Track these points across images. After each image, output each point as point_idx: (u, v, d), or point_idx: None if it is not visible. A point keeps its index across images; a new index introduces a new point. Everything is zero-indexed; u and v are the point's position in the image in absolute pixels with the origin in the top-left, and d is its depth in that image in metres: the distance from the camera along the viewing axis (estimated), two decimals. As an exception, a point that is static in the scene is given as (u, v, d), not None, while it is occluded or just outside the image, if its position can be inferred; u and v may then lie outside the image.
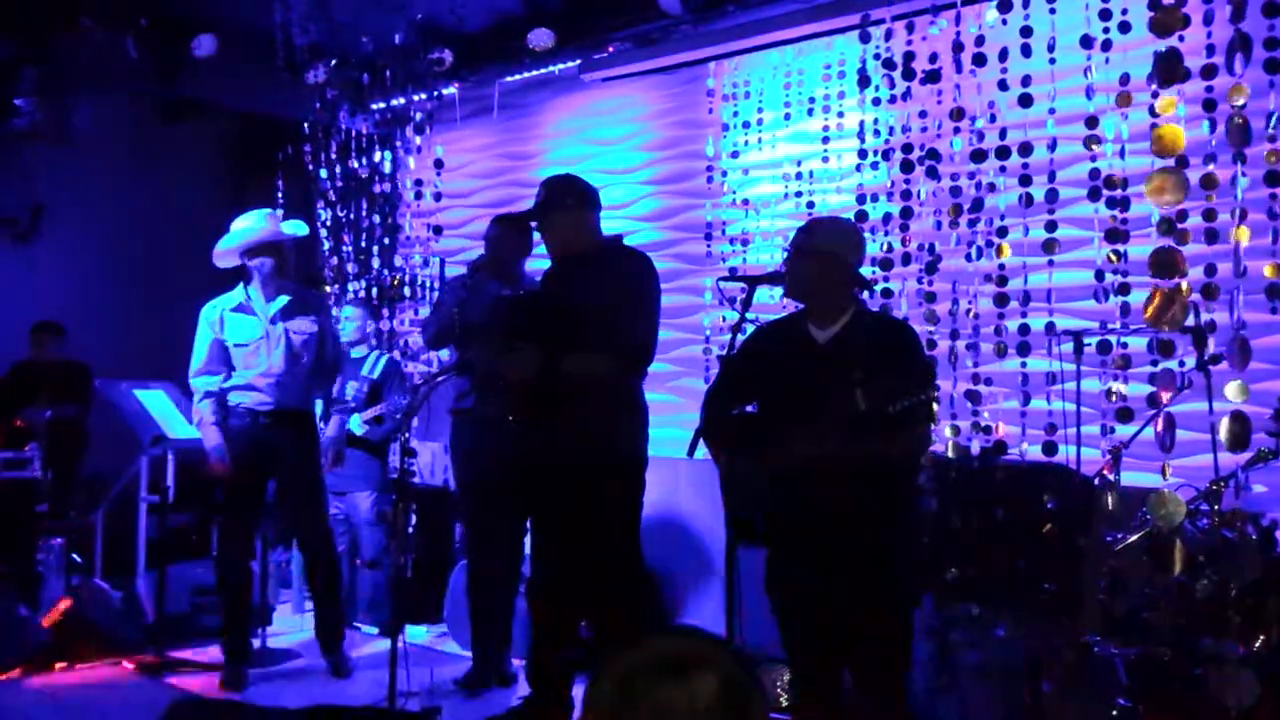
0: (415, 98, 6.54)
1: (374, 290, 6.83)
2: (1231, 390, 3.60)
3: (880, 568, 3.10)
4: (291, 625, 5.66)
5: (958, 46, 4.55)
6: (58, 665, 4.92)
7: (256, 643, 5.04)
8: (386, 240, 6.88)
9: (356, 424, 5.46)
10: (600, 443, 3.88)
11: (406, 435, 4.03)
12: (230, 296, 4.79)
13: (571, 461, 3.87)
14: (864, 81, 4.94)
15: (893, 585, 3.14)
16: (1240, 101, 3.71)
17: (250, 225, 4.80)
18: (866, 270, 3.69)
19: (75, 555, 6.10)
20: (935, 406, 3.31)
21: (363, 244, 6.89)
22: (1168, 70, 3.76)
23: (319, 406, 5.07)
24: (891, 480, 3.10)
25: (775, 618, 3.26)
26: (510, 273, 4.60)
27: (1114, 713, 3.24)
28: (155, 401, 5.65)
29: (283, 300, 4.77)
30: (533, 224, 4.07)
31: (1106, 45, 4.18)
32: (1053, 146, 4.39)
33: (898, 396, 2.79)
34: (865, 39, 4.82)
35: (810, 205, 5.41)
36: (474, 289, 4.48)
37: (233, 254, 4.78)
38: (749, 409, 3.34)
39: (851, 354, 2.97)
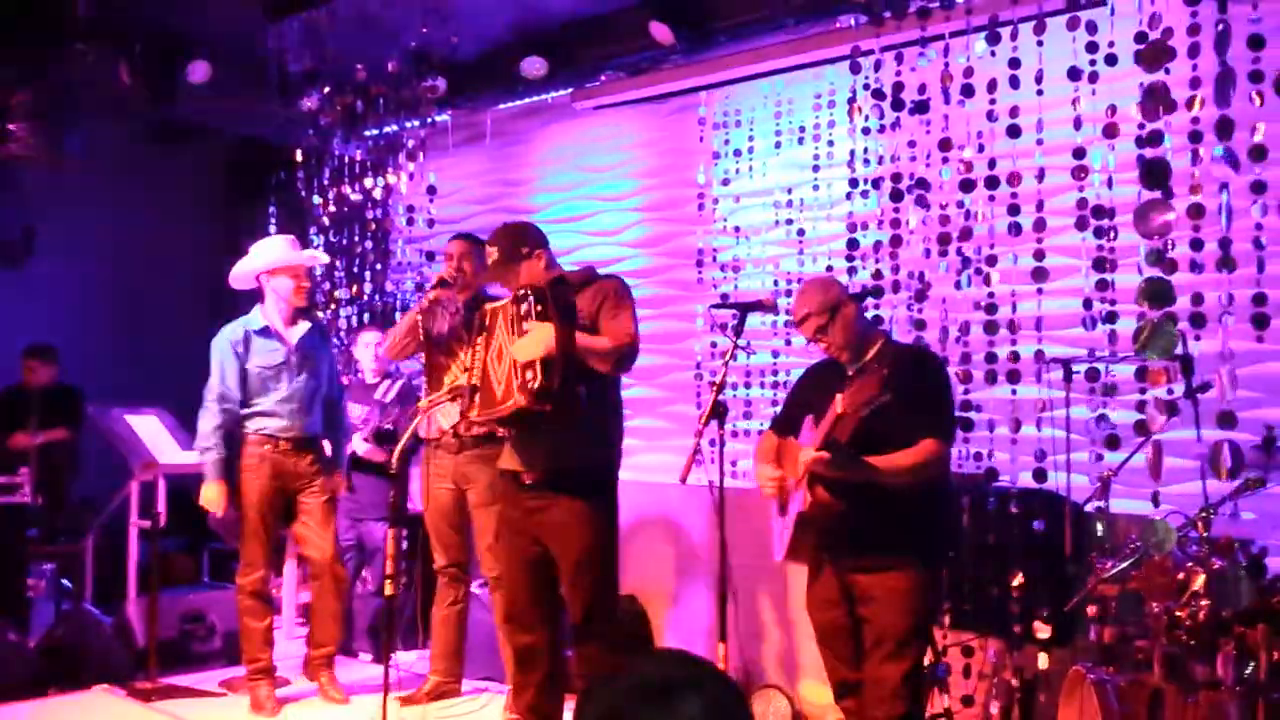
0: (408, 124, 6.58)
1: (367, 316, 6.85)
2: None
3: (894, 587, 3.26)
4: (280, 650, 5.63)
5: (946, 77, 4.61)
6: (49, 692, 4.90)
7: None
8: (379, 266, 6.90)
9: (357, 442, 5.49)
10: (581, 459, 3.89)
11: (406, 460, 4.05)
12: (251, 318, 4.82)
13: (549, 477, 3.88)
14: (854, 111, 4.99)
15: (904, 606, 3.27)
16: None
17: (268, 247, 4.86)
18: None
19: (65, 580, 6.08)
20: (950, 429, 3.47)
21: (355, 269, 6.91)
22: (1154, 103, 3.81)
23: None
24: (909, 501, 3.24)
25: None
26: (477, 284, 4.76)
27: (1105, 739, 3.26)
28: (146, 426, 5.65)
29: (304, 326, 4.84)
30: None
31: (1094, 77, 4.23)
32: (1041, 176, 4.44)
33: (867, 403, 3.05)
34: (855, 69, 4.87)
35: (800, 233, 5.45)
36: (435, 305, 4.64)
37: (249, 276, 4.83)
38: None
39: (857, 394, 3.13)
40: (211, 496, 4.68)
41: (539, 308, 3.67)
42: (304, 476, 4.80)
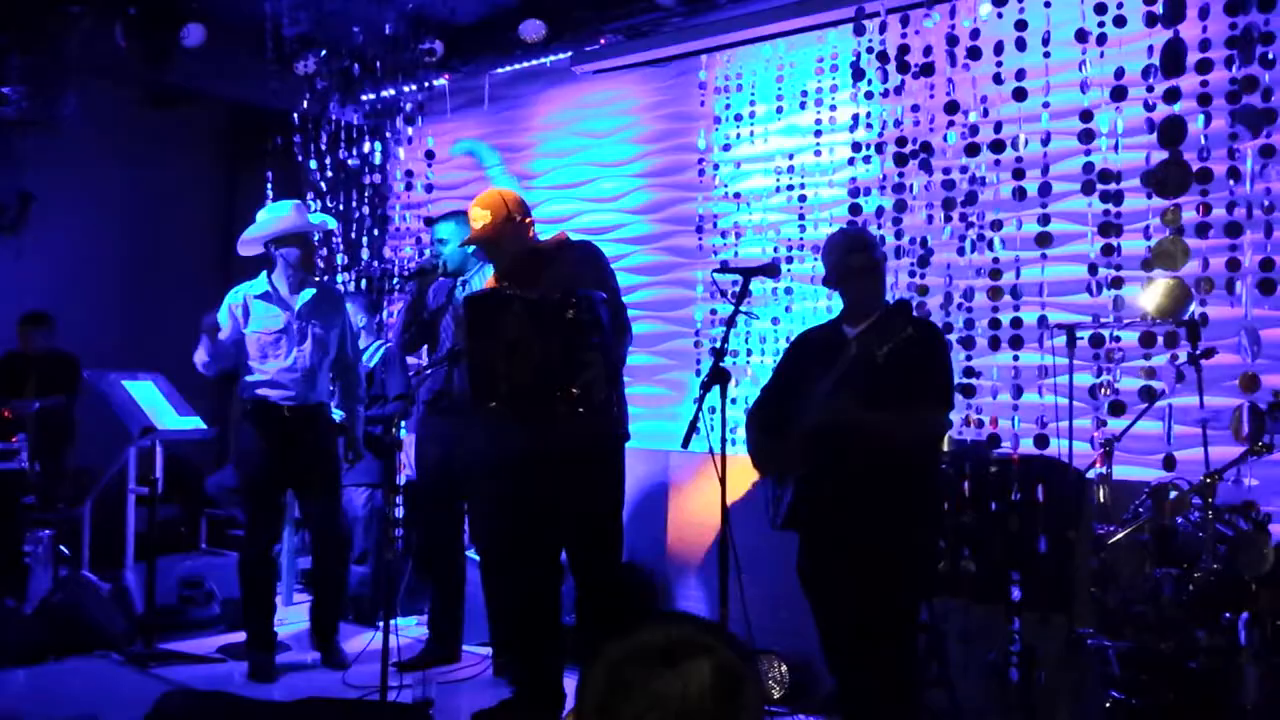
0: (406, 89, 6.51)
1: (364, 282, 6.81)
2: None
3: (888, 553, 3.26)
4: (280, 616, 5.63)
5: (952, 40, 4.55)
6: (47, 658, 4.90)
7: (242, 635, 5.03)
8: (376, 231, 6.85)
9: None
10: (590, 426, 3.86)
11: (400, 428, 4.03)
12: (255, 284, 4.78)
13: (557, 447, 3.85)
14: (857, 75, 4.93)
15: (896, 571, 3.29)
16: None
17: (277, 214, 4.79)
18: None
19: (63, 547, 6.07)
20: (951, 394, 3.48)
21: (352, 235, 6.86)
22: (1172, 61, 3.79)
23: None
24: (905, 464, 3.25)
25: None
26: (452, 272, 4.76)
27: (1106, 705, 3.24)
28: (144, 392, 5.62)
29: (308, 294, 4.79)
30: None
31: (1101, 39, 4.18)
32: (1046, 140, 4.39)
33: (884, 341, 3.07)
34: (859, 32, 4.81)
35: (802, 199, 5.40)
36: (424, 289, 4.64)
37: (257, 242, 4.78)
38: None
39: (873, 337, 3.12)
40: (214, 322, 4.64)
41: (588, 317, 3.62)
42: (308, 445, 4.78)
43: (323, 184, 6.82)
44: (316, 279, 4.98)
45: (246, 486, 4.78)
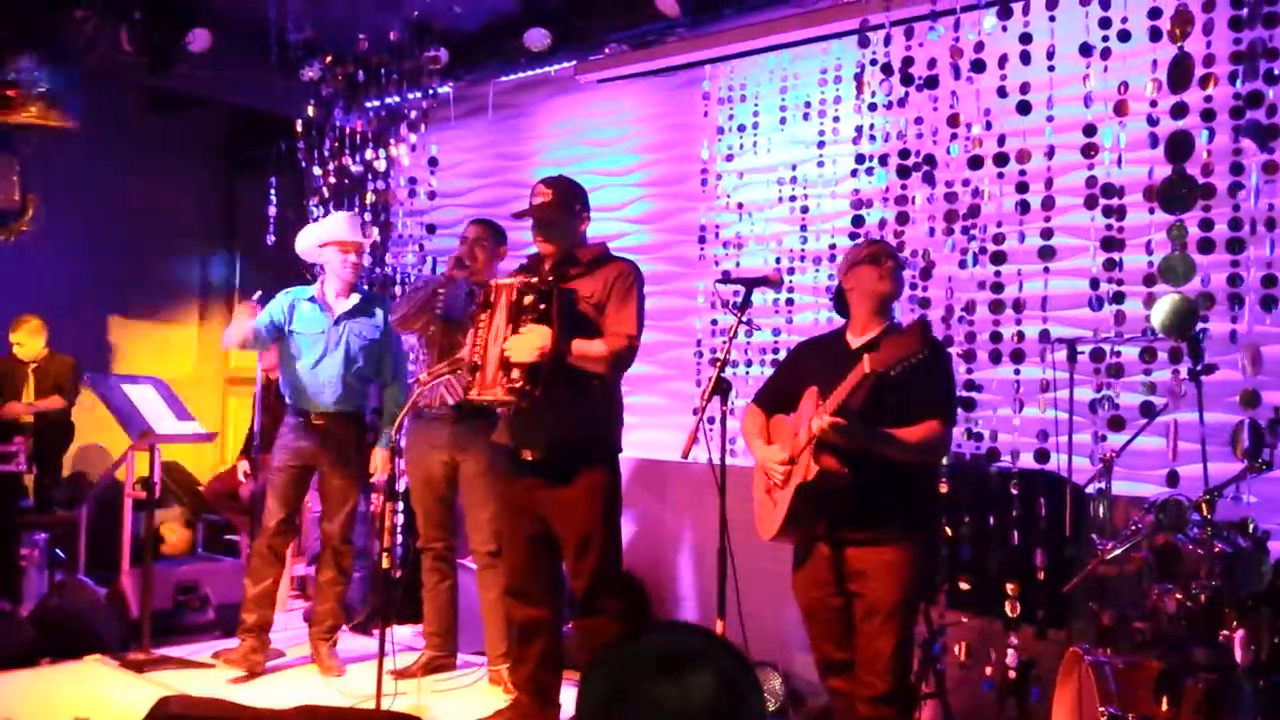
0: (410, 96, 6.52)
1: (368, 287, 6.80)
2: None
3: (882, 564, 3.24)
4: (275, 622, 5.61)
5: (956, 53, 4.55)
6: (41, 661, 4.88)
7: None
8: (379, 238, 6.85)
9: None
10: (582, 434, 3.85)
11: (397, 434, 4.02)
12: (307, 288, 4.96)
13: (550, 454, 3.84)
14: (860, 86, 4.94)
15: (891, 584, 3.28)
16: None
17: (326, 223, 4.99)
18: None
19: (59, 551, 6.06)
20: (953, 412, 3.50)
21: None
22: (1179, 75, 3.80)
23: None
24: (902, 476, 3.24)
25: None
26: (486, 272, 4.74)
27: (1103, 721, 3.23)
28: (143, 396, 5.61)
29: (352, 301, 4.90)
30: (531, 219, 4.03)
31: (1106, 53, 4.17)
32: (1050, 154, 4.39)
33: (901, 360, 3.02)
34: (863, 44, 4.82)
35: (804, 210, 5.40)
36: (450, 283, 4.62)
37: (313, 248, 4.95)
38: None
39: (888, 355, 3.13)
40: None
41: (542, 307, 3.64)
42: (334, 451, 4.82)
43: (326, 190, 6.81)
44: (364, 289, 5.08)
45: (271, 479, 4.87)
